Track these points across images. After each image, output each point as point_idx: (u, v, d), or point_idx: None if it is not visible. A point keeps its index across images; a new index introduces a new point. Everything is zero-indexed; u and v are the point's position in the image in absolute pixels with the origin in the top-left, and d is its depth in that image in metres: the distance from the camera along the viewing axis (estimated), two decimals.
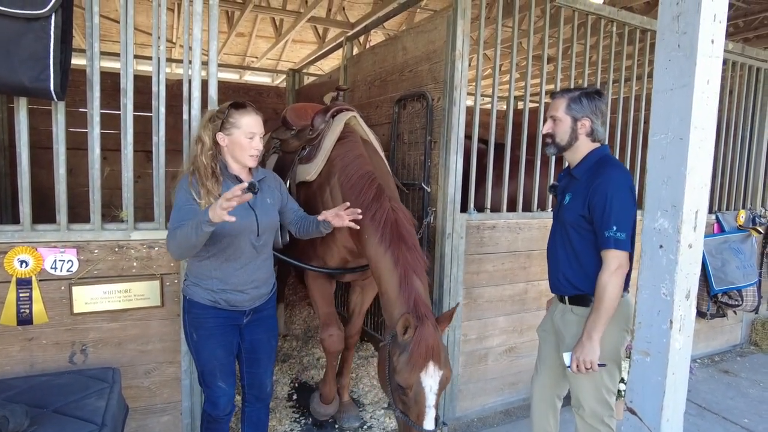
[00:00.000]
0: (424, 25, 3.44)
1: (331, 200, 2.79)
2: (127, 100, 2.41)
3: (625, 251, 2.10)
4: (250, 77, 12.69)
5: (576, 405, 2.34)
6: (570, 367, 2.19)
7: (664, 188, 1.72)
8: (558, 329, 2.39)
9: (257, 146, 2.19)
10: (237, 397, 2.90)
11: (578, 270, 2.26)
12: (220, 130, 2.15)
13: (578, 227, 2.24)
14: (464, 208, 3.27)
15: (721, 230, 4.53)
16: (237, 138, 2.15)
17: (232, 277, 2.19)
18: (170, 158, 2.54)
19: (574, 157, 2.34)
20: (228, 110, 2.16)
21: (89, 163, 2.37)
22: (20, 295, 2.26)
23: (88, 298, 2.38)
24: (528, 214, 3.53)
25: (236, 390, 2.60)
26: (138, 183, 2.63)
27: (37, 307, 2.29)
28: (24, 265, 2.25)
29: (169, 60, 6.73)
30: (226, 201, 1.77)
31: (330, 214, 2.36)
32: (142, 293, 2.48)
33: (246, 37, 9.88)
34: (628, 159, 3.94)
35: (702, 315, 4.46)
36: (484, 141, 3.57)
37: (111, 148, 3.03)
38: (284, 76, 7.45)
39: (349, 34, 5.40)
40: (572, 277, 2.28)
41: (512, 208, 3.55)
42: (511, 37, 3.37)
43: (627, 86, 3.94)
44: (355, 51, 5.04)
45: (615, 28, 3.77)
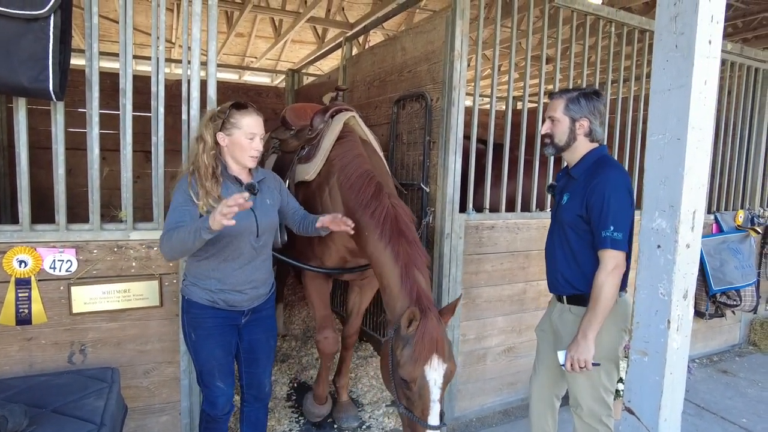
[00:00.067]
0: (423, 25, 3.44)
1: (330, 200, 2.80)
2: (126, 100, 2.41)
3: (622, 251, 2.11)
4: (250, 77, 12.69)
5: (574, 405, 2.35)
6: (564, 365, 2.20)
7: (662, 188, 1.73)
8: (556, 329, 2.39)
9: (257, 147, 2.19)
10: (236, 397, 2.90)
11: (576, 270, 2.27)
12: (220, 130, 2.15)
13: (576, 227, 2.24)
14: (463, 209, 3.27)
15: (720, 230, 4.53)
16: (237, 138, 2.15)
17: (230, 278, 2.20)
18: (169, 158, 2.55)
19: (573, 157, 2.34)
20: (229, 110, 2.16)
21: (88, 163, 2.37)
22: (19, 295, 2.26)
23: (87, 298, 2.39)
24: (527, 214, 3.53)
25: (235, 390, 2.60)
26: (137, 183, 2.63)
27: (36, 307, 2.29)
28: (23, 265, 2.25)
29: (169, 60, 6.72)
30: (226, 207, 1.77)
31: (327, 220, 2.38)
32: (141, 293, 2.49)
33: (245, 37, 9.89)
34: (626, 159, 3.95)
35: (700, 315, 4.46)
36: (483, 141, 3.58)
37: (110, 148, 3.04)
38: (283, 76, 7.45)
39: (348, 35, 5.40)
40: (570, 276, 2.29)
41: (511, 208, 3.55)
42: (510, 38, 3.38)
43: (626, 87, 3.94)
44: (355, 51, 5.04)
45: (614, 29, 3.78)
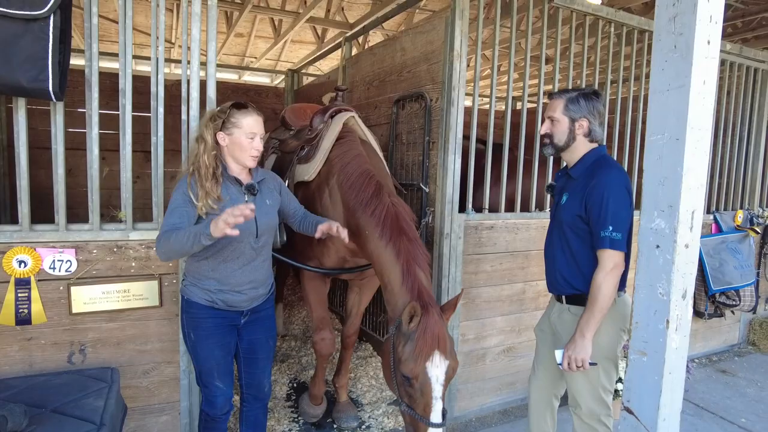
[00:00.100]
0: (423, 25, 3.45)
1: (330, 200, 2.80)
2: (126, 100, 2.41)
3: (621, 251, 2.11)
4: (249, 77, 12.69)
5: (573, 404, 2.35)
6: (561, 364, 2.20)
7: (661, 188, 1.73)
8: (555, 329, 2.40)
9: (258, 147, 2.19)
10: (235, 397, 2.90)
11: (575, 269, 2.27)
12: (220, 130, 2.15)
13: (575, 227, 2.24)
14: (462, 209, 3.28)
15: (719, 230, 4.54)
16: (238, 138, 2.15)
17: (230, 278, 2.20)
18: (169, 158, 2.55)
19: (572, 157, 2.34)
20: (230, 110, 2.16)
21: (88, 163, 2.37)
22: (19, 295, 2.26)
23: (86, 298, 2.39)
24: (526, 214, 3.53)
25: (234, 390, 2.60)
26: (136, 183, 2.64)
27: (36, 307, 2.30)
28: (23, 265, 2.25)
29: (168, 60, 6.72)
30: (232, 217, 1.79)
31: (324, 228, 2.38)
32: (140, 293, 2.49)
33: (245, 37, 9.89)
34: (626, 159, 3.95)
35: (700, 315, 4.47)
36: (482, 141, 3.58)
37: (110, 148, 3.04)
38: (283, 76, 7.45)
39: (347, 35, 5.40)
40: (569, 276, 2.29)
41: (510, 208, 3.55)
42: (510, 38, 3.38)
43: (625, 87, 3.94)
44: (354, 51, 5.04)
45: (613, 29, 3.78)
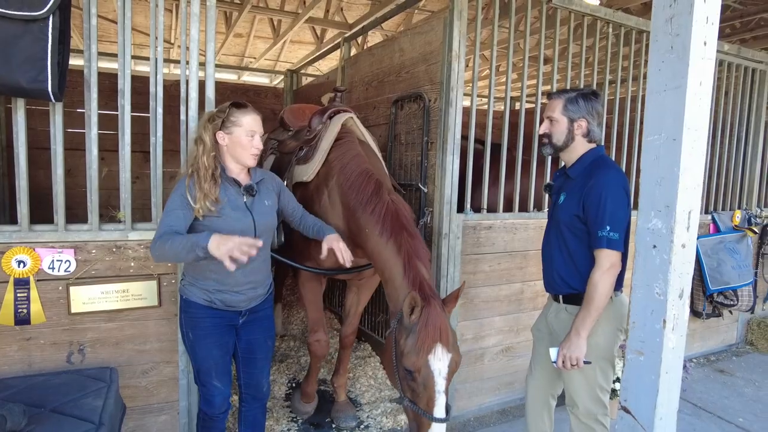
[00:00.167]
0: (421, 26, 3.45)
1: (329, 201, 2.80)
2: (125, 101, 2.42)
3: (618, 251, 2.12)
4: (248, 78, 12.70)
5: (570, 404, 2.36)
6: (556, 362, 2.21)
7: (658, 189, 1.74)
8: (552, 328, 2.40)
9: (258, 145, 2.19)
10: (234, 396, 2.91)
11: (572, 269, 2.28)
12: (220, 129, 2.15)
13: (572, 227, 2.25)
14: (461, 209, 3.28)
15: (717, 230, 4.54)
16: (238, 136, 2.15)
17: (228, 278, 2.20)
18: (168, 159, 2.56)
19: (570, 157, 2.35)
20: (229, 109, 2.17)
21: (87, 163, 2.38)
22: (18, 295, 2.26)
23: (85, 298, 2.39)
24: (525, 214, 3.54)
25: (233, 390, 2.61)
26: (135, 183, 2.64)
27: (35, 307, 2.30)
28: (22, 265, 2.26)
29: (168, 60, 6.72)
30: (238, 251, 1.85)
31: (333, 248, 2.41)
32: (139, 293, 2.49)
33: (244, 37, 9.90)
34: (624, 160, 3.96)
35: (698, 315, 4.48)
36: (481, 141, 3.59)
37: (109, 148, 3.05)
38: (282, 76, 7.45)
39: (346, 35, 5.41)
40: (567, 275, 2.30)
41: (509, 208, 3.56)
42: (508, 38, 3.39)
43: (623, 87, 3.95)
44: (353, 52, 5.05)
45: (611, 29, 3.79)
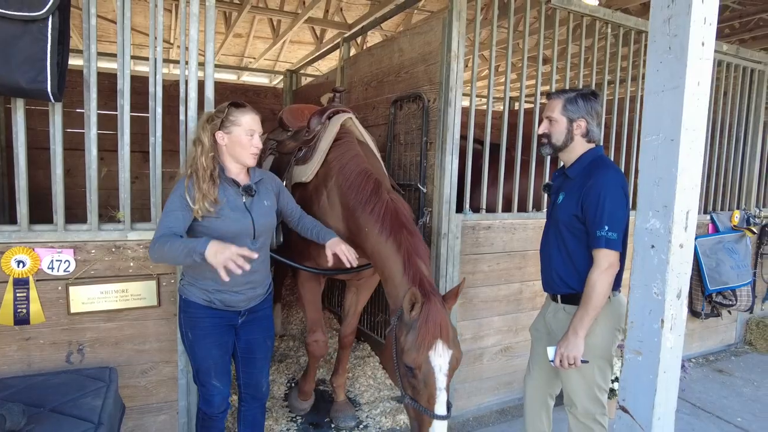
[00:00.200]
0: (420, 26, 3.46)
1: (328, 202, 2.80)
2: (124, 101, 2.42)
3: (616, 251, 2.12)
4: (248, 78, 12.70)
5: (568, 403, 2.36)
6: (553, 361, 2.21)
7: (656, 189, 1.74)
8: (550, 328, 2.41)
9: (257, 144, 2.20)
10: (233, 396, 2.91)
11: (571, 268, 2.28)
12: (219, 129, 2.15)
13: (571, 226, 2.26)
14: (460, 209, 3.29)
15: (716, 230, 4.55)
16: (238, 136, 2.15)
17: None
18: (167, 159, 2.56)
19: (569, 157, 2.35)
20: (227, 109, 2.17)
21: (86, 163, 2.38)
22: (17, 295, 2.26)
23: (85, 298, 2.39)
24: (523, 214, 3.55)
25: (233, 389, 2.61)
26: (135, 184, 2.65)
27: (34, 307, 2.30)
28: (21, 265, 2.26)
29: (167, 61, 6.72)
30: (232, 263, 1.85)
31: (338, 253, 2.42)
32: (138, 293, 2.50)
33: (243, 37, 9.90)
34: (623, 160, 3.96)
35: (697, 315, 4.49)
36: (480, 141, 3.59)
37: (108, 148, 3.05)
38: (281, 76, 7.46)
39: (346, 35, 5.41)
40: (565, 275, 2.30)
41: (508, 208, 3.57)
42: (507, 39, 3.39)
43: (622, 87, 3.96)
44: (353, 52, 5.05)
45: (610, 30, 3.80)
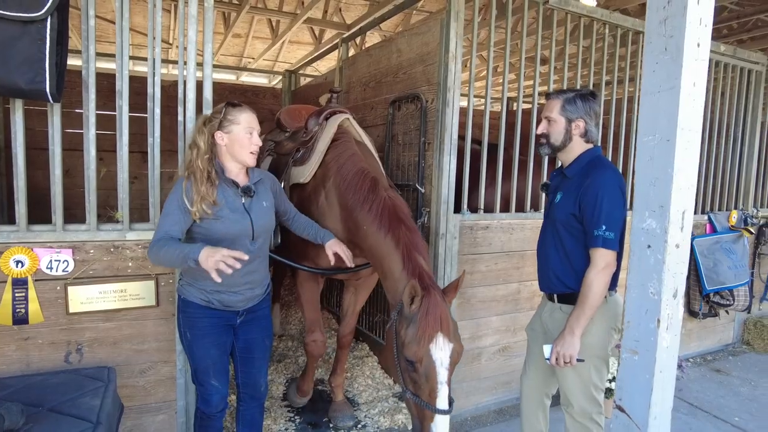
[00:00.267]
0: (418, 27, 3.47)
1: (326, 202, 2.80)
2: (123, 101, 2.42)
3: (613, 250, 2.13)
4: (247, 78, 12.69)
5: (565, 403, 2.37)
6: (549, 359, 2.22)
7: (652, 189, 1.75)
8: (546, 327, 2.42)
9: (257, 142, 2.20)
10: (232, 396, 2.92)
11: (568, 268, 2.29)
12: (218, 129, 2.15)
13: (569, 226, 2.26)
14: (458, 209, 3.30)
15: (714, 231, 4.56)
16: (237, 134, 2.15)
17: (226, 279, 2.17)
18: (166, 159, 2.56)
19: (568, 157, 2.36)
20: (225, 109, 2.17)
21: (85, 164, 2.38)
22: (16, 294, 2.27)
23: (83, 298, 2.40)
24: (521, 214, 3.56)
25: (231, 389, 2.61)
26: (134, 184, 2.65)
27: (33, 307, 2.31)
28: (20, 265, 2.26)
29: (166, 61, 6.73)
30: (224, 264, 1.85)
31: (338, 253, 2.53)
32: (137, 293, 2.50)
33: (242, 38, 9.89)
34: (621, 160, 3.97)
35: (694, 314, 4.50)
36: (478, 141, 3.60)
37: (107, 149, 3.05)
38: (280, 77, 7.46)
39: (345, 36, 5.42)
40: (562, 274, 2.31)
41: (506, 208, 3.57)
42: (505, 39, 3.40)
43: (620, 88, 3.98)
44: (352, 52, 5.06)
45: (608, 31, 3.81)
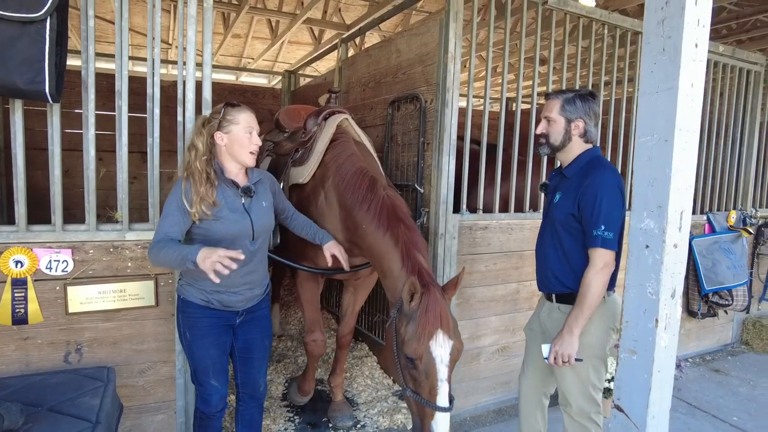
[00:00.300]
0: (417, 27, 3.47)
1: (326, 202, 2.80)
2: (122, 102, 2.43)
3: (612, 250, 2.14)
4: (246, 78, 12.70)
5: (563, 403, 2.38)
6: (547, 359, 2.23)
7: (650, 189, 1.75)
8: (545, 327, 2.42)
9: (257, 141, 2.20)
10: (231, 396, 2.92)
11: (567, 267, 2.29)
12: (218, 130, 2.15)
13: (567, 225, 2.27)
14: (457, 209, 3.30)
15: (713, 231, 4.57)
16: (237, 134, 2.15)
17: (226, 279, 2.18)
18: (165, 159, 2.57)
19: (567, 157, 2.37)
20: (224, 109, 2.17)
21: (84, 164, 2.39)
22: (15, 295, 2.27)
23: (83, 298, 2.40)
24: (520, 214, 3.56)
25: (231, 389, 2.62)
26: (133, 184, 2.65)
27: (33, 307, 2.31)
28: (19, 265, 2.27)
29: (165, 61, 6.74)
30: (220, 264, 1.84)
31: (336, 255, 2.56)
32: (136, 293, 2.50)
33: (242, 38, 9.89)
34: (620, 160, 3.98)
35: (693, 314, 4.51)
36: (477, 142, 3.61)
37: (106, 149, 3.06)
38: (280, 77, 7.46)
39: (344, 36, 5.42)
40: (560, 274, 2.31)
41: (505, 208, 3.58)
42: (504, 40, 3.40)
43: (619, 88, 3.98)
44: (351, 53, 5.06)
45: (607, 31, 3.81)
